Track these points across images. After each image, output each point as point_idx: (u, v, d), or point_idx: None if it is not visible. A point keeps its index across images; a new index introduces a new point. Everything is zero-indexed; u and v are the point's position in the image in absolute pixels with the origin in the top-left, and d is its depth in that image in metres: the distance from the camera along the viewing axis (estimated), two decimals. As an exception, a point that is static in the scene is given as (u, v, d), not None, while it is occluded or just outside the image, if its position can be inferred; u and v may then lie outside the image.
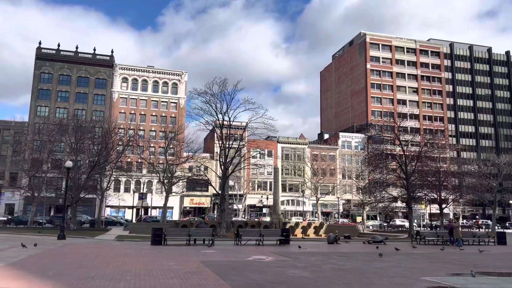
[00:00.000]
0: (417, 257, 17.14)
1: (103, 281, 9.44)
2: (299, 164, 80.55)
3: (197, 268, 12.25)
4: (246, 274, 11.13)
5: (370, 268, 13.06)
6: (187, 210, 76.20)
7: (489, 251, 21.46)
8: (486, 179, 52.78)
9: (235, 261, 14.26)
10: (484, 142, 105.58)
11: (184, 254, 16.74)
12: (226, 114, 31.52)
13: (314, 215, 76.25)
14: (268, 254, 17.12)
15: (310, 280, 10.20)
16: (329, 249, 21.57)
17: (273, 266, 13.17)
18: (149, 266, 12.50)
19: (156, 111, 75.73)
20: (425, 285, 9.77)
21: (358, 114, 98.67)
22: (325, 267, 12.99)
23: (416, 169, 36.00)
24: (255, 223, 43.18)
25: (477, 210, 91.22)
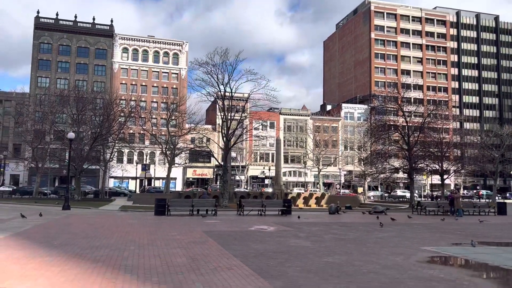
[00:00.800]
0: (418, 227, 17.32)
1: (108, 251, 9.58)
2: (301, 136, 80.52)
3: (200, 238, 12.42)
4: (249, 243, 11.28)
5: (370, 238, 13.21)
6: (190, 181, 76.94)
7: (489, 221, 21.66)
8: (488, 150, 52.74)
9: (237, 231, 14.44)
10: (488, 113, 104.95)
11: (187, 224, 16.96)
12: (227, 85, 31.22)
13: (316, 186, 76.89)
14: (270, 224, 17.32)
15: (311, 250, 10.33)
16: (331, 219, 21.80)
17: (275, 236, 13.33)
18: (152, 236, 12.67)
19: (157, 82, 75.16)
20: (425, 255, 9.89)
21: (361, 85, 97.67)
22: (326, 237, 13.15)
23: (418, 140, 35.88)
24: (258, 194, 43.59)
25: (478, 181, 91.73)
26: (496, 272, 8.28)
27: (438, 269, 8.19)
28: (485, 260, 9.30)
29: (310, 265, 8.21)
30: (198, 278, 6.86)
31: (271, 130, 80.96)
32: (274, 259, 8.89)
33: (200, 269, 7.60)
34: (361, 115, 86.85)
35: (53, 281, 6.46)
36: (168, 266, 7.88)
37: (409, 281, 6.93)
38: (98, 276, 6.89)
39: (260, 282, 6.65)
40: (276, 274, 7.33)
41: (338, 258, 9.14)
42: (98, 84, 70.53)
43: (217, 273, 7.28)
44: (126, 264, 7.98)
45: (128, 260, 8.48)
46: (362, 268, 8.07)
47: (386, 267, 8.20)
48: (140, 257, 8.85)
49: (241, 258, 8.84)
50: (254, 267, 7.86)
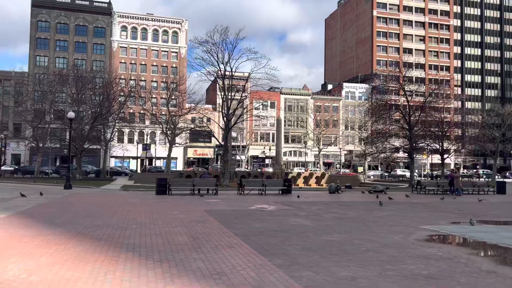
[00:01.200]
0: (418, 206, 17.45)
1: (109, 230, 9.68)
2: (302, 116, 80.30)
3: (201, 216, 12.53)
4: (249, 222, 11.38)
5: (370, 217, 13.32)
6: (191, 161, 77.22)
7: (488, 200, 21.80)
8: (489, 129, 52.66)
9: (238, 210, 14.56)
10: (490, 92, 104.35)
11: (188, 203, 17.09)
12: (228, 64, 30.92)
13: (316, 166, 77.18)
14: (271, 203, 17.45)
15: (311, 229, 10.43)
16: (330, 198, 21.95)
17: (275, 215, 13.45)
18: (154, 215, 12.79)
19: (157, 61, 74.52)
20: (424, 234, 9.98)
21: (363, 64, 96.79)
22: (326, 216, 13.26)
23: (419, 119, 35.77)
24: (258, 174, 43.79)
25: (478, 160, 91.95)
26: (494, 250, 8.37)
27: (436, 247, 8.28)
28: (483, 238, 9.40)
29: (310, 244, 8.31)
30: (199, 256, 6.94)
31: (271, 110, 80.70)
32: (274, 237, 8.99)
33: (201, 248, 7.69)
34: (362, 95, 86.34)
35: (56, 259, 6.55)
36: (169, 244, 7.98)
37: (407, 259, 7.02)
38: (101, 254, 6.98)
39: (260, 260, 6.73)
40: (276, 252, 7.41)
41: (338, 237, 9.24)
42: (97, 63, 69.95)
43: (218, 251, 7.37)
44: (128, 243, 8.07)
45: (130, 238, 8.57)
46: (361, 246, 8.16)
47: (385, 245, 8.30)
48: (142, 235, 8.95)
49: (242, 237, 8.94)
50: (255, 246, 7.95)
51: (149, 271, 5.95)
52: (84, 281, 5.35)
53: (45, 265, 6.18)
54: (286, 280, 5.57)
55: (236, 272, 5.98)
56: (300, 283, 5.44)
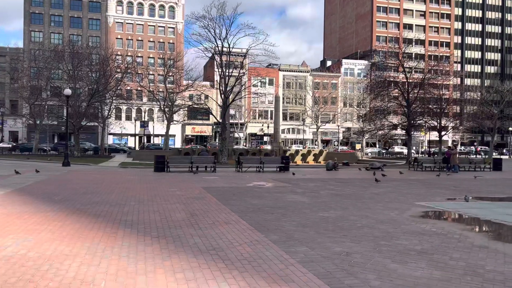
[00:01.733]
0: (414, 183, 17.60)
1: (108, 206, 9.77)
2: (301, 93, 79.88)
3: (199, 193, 12.63)
4: (247, 199, 11.49)
5: (366, 193, 13.45)
6: (189, 138, 77.25)
7: (483, 177, 21.99)
8: (487, 106, 52.61)
9: (236, 187, 14.67)
10: (490, 68, 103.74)
11: (186, 180, 17.19)
12: (225, 40, 30.51)
13: (314, 143, 77.34)
14: (268, 181, 17.58)
15: (308, 205, 10.54)
16: (328, 175, 22.10)
17: (272, 191, 13.56)
18: (152, 192, 12.88)
19: (154, 37, 73.49)
20: (419, 210, 10.11)
21: (362, 40, 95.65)
22: (323, 193, 13.38)
23: (418, 96, 35.65)
24: (256, 151, 43.97)
25: (475, 137, 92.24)
26: (487, 225, 8.50)
27: (430, 223, 8.40)
28: (477, 214, 9.53)
29: (306, 220, 8.41)
30: (196, 233, 7.03)
31: (270, 87, 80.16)
32: (271, 214, 9.09)
33: (198, 224, 7.78)
34: (361, 71, 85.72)
35: (55, 235, 6.63)
36: (167, 221, 8.06)
37: (401, 235, 7.13)
38: (99, 231, 7.06)
39: (256, 236, 6.83)
40: (272, 228, 7.51)
41: (334, 213, 9.35)
42: (93, 39, 68.95)
43: (215, 228, 7.46)
44: (126, 219, 8.15)
45: (128, 215, 8.66)
46: (356, 222, 8.27)
47: (380, 221, 8.41)
48: (140, 212, 9.04)
49: (239, 213, 9.04)
50: (251, 222, 8.05)
51: (146, 247, 6.03)
52: (83, 257, 5.43)
53: (44, 241, 6.26)
54: (282, 255, 5.67)
55: (232, 247, 6.07)
56: (295, 258, 5.53)
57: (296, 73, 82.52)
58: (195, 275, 4.77)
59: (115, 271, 4.88)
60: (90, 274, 4.76)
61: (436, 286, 4.57)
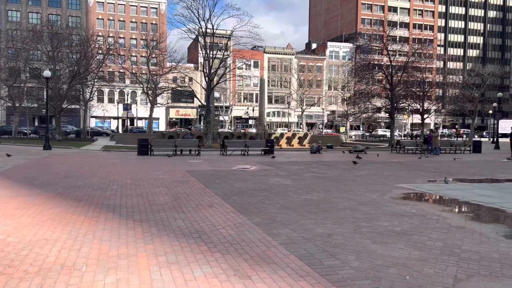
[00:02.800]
0: (396, 166, 17.87)
1: (90, 190, 9.66)
2: (286, 76, 79.62)
3: (183, 177, 12.58)
4: (231, 182, 11.50)
5: (349, 176, 13.61)
6: (173, 121, 76.61)
7: (462, 159, 22.48)
8: (469, 89, 53.44)
9: (220, 171, 14.66)
10: (472, 52, 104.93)
11: (170, 164, 17.10)
12: (209, 21, 30.00)
13: (299, 126, 77.60)
14: (252, 164, 17.61)
15: (291, 188, 10.61)
16: (312, 158, 22.26)
17: (256, 175, 13.60)
18: (135, 175, 12.78)
19: (136, 18, 71.86)
20: (400, 192, 10.29)
21: (347, 23, 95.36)
22: (306, 175, 13.49)
23: (401, 79, 35.92)
24: (241, 134, 43.81)
25: (457, 120, 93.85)
26: (465, 207, 8.72)
27: (411, 205, 8.57)
28: (456, 196, 9.75)
29: (289, 202, 8.48)
30: (179, 216, 7.03)
31: (255, 69, 79.59)
32: (255, 197, 9.13)
33: (182, 207, 7.77)
34: (346, 54, 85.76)
35: (35, 220, 6.54)
36: (150, 204, 8.03)
37: (382, 217, 7.26)
38: (81, 215, 6.99)
39: (240, 219, 6.87)
40: (255, 211, 7.56)
41: (316, 196, 9.45)
42: (72, 19, 67.00)
43: (198, 211, 7.46)
44: (108, 204, 8.09)
45: (111, 199, 8.59)
46: (338, 204, 8.38)
47: (361, 203, 8.54)
48: (122, 196, 8.97)
49: (223, 197, 9.05)
50: (235, 205, 8.08)
51: (129, 231, 6.01)
52: (63, 241, 5.38)
53: (24, 226, 6.18)
54: (264, 238, 5.72)
55: (215, 230, 6.10)
56: (278, 240, 5.59)
57: (281, 55, 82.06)
58: (177, 258, 4.77)
59: (97, 255, 4.86)
60: (71, 258, 4.72)
61: (414, 266, 4.69)
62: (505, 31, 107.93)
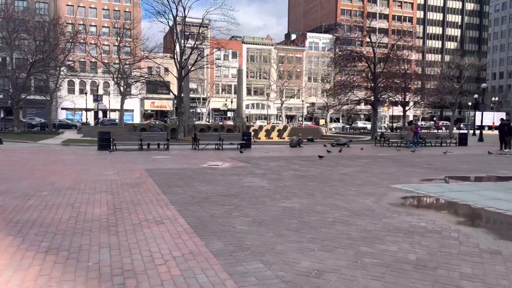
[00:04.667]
0: (384, 161, 16.24)
1: (9, 198, 7.52)
2: (265, 67, 77.57)
3: (138, 178, 10.53)
4: (195, 184, 9.53)
5: (334, 174, 11.84)
6: (149, 114, 73.88)
7: (452, 152, 21.11)
8: (449, 81, 52.69)
9: (186, 169, 12.64)
10: (450, 44, 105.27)
11: (130, 161, 14.95)
12: (179, 4, 27.62)
13: (279, 119, 75.93)
14: (226, 160, 15.66)
15: (267, 191, 8.74)
16: (292, 153, 20.46)
17: (228, 174, 11.65)
18: (81, 176, 10.64)
19: (108, 5, 68.48)
20: (397, 195, 8.55)
21: (327, 13, 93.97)
22: (285, 174, 11.64)
23: (383, 70, 34.44)
24: (218, 127, 41.81)
25: (435, 112, 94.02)
26: (483, 216, 7.03)
27: (416, 214, 6.81)
28: (465, 200, 8.07)
29: (264, 214, 6.60)
30: (109, 241, 5.03)
31: (233, 60, 77.31)
32: (221, 205, 7.21)
33: (118, 226, 5.76)
34: (326, 45, 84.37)
35: None
36: (77, 221, 5.99)
37: (386, 235, 5.46)
38: (-32, 241, 4.92)
39: (193, 244, 4.93)
40: (218, 229, 5.63)
41: (298, 202, 7.60)
42: (40, 5, 63.07)
43: (139, 231, 5.48)
44: (20, 219, 6.01)
45: (28, 211, 6.50)
46: (326, 216, 6.55)
47: (355, 213, 6.74)
48: (46, 207, 6.88)
49: (179, 206, 7.09)
50: (192, 220, 6.14)
51: (18, 272, 3.98)
52: None
53: None
54: (223, 282, 3.81)
55: (151, 269, 4.14)
56: (244, 287, 3.70)
57: (260, 46, 79.94)
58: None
59: None
60: None
61: None
62: (482, 23, 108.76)
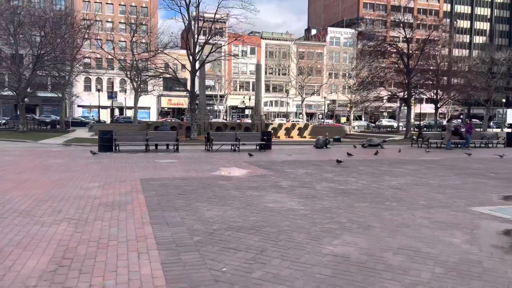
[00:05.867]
0: (434, 167, 13.34)
1: None
2: (284, 62, 74.65)
3: (128, 193, 8.02)
4: (199, 205, 6.95)
5: (383, 188, 9.10)
6: (165, 111, 72.27)
7: (508, 155, 17.98)
8: (484, 76, 48.98)
9: (192, 179, 10.08)
10: (479, 38, 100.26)
11: (128, 166, 12.48)
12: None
13: (298, 116, 73.04)
14: (242, 165, 13.05)
15: (301, 220, 6.09)
16: (319, 155, 17.71)
17: (245, 186, 9.02)
18: (54, 190, 8.17)
19: (125, 0, 66.73)
20: (494, 227, 5.79)
21: (348, 7, 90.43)
22: (320, 188, 8.96)
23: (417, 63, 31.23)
24: (236, 125, 39.54)
25: (462, 110, 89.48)
26: None
27: (558, 274, 4.07)
28: None
29: (303, 273, 3.97)
30: None
31: (251, 56, 74.75)
32: (234, 251, 4.60)
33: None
34: (348, 40, 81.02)
35: None
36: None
37: None
38: None
39: None
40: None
41: (353, 244, 4.94)
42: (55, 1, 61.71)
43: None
44: None
45: None
46: (411, 278, 3.87)
47: (453, 270, 4.05)
48: (-41, 254, 4.40)
49: (167, 254, 4.49)
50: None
51: None
52: None
53: None
54: None
55: None
56: None
57: (279, 41, 77.12)
58: None
59: None
60: None
61: None
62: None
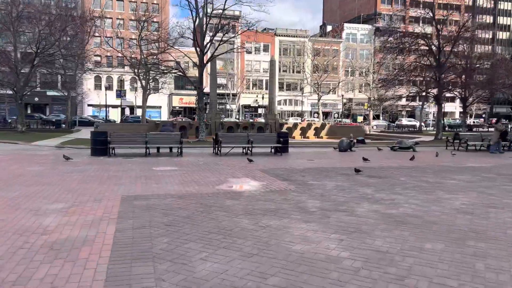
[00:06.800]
0: (490, 177, 10.80)
1: None
2: (299, 60, 72.04)
3: (95, 222, 5.76)
4: (191, 248, 4.67)
5: (450, 214, 6.70)
6: (177, 110, 70.59)
7: None
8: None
9: (190, 196, 7.79)
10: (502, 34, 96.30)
11: (115, 177, 10.23)
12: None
13: (313, 115, 70.41)
14: (256, 175, 10.72)
15: (351, 284, 3.77)
16: (345, 161, 15.27)
17: (259, 211, 6.70)
18: (-2, 216, 6.00)
19: (135, -3, 65.04)
20: None
21: (365, 3, 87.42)
22: (362, 212, 6.59)
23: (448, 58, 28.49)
24: (248, 124, 37.38)
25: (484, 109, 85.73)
26: None
27: None
28: None
29: None
30: None
31: (265, 53, 72.45)
32: None
33: None
34: (364, 37, 78.06)
35: None
36: None
37: None
38: None
39: None
40: None
41: None
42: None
43: None
44: None
45: None
46: None
47: None
48: None
49: None
50: None
51: None
52: None
53: None
54: None
55: None
56: None
57: (293, 38, 74.55)
58: None
59: None
60: None
61: None
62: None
